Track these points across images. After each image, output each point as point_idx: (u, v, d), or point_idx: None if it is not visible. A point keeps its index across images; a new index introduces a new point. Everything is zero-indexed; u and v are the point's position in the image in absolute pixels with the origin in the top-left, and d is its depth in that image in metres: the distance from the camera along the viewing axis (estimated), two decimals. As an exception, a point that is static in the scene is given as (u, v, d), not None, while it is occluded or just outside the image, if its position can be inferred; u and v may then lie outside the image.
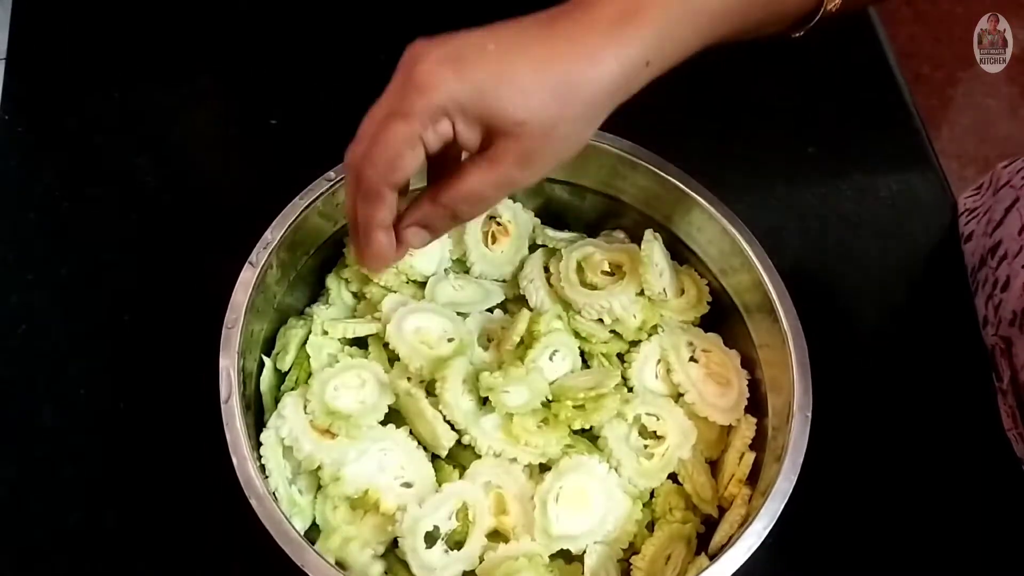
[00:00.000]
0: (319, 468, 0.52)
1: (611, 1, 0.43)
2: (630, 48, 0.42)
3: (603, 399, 0.54)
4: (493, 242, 0.62)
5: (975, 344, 0.69)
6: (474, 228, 0.62)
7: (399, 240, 0.46)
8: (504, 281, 0.63)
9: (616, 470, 0.54)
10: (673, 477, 0.56)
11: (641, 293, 0.60)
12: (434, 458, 0.55)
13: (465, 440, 0.53)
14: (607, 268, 0.61)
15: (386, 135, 0.42)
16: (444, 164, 0.45)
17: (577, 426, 0.54)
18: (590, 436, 0.56)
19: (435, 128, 0.42)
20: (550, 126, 0.42)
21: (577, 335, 0.59)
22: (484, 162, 0.43)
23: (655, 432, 0.56)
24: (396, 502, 0.51)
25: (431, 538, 0.50)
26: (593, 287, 0.60)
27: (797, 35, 0.50)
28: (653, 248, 0.60)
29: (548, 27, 0.42)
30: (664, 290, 0.60)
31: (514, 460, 0.53)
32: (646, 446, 0.56)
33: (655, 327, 0.59)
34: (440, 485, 0.53)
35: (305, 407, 0.53)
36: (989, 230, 0.69)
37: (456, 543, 0.51)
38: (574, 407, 0.54)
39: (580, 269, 0.61)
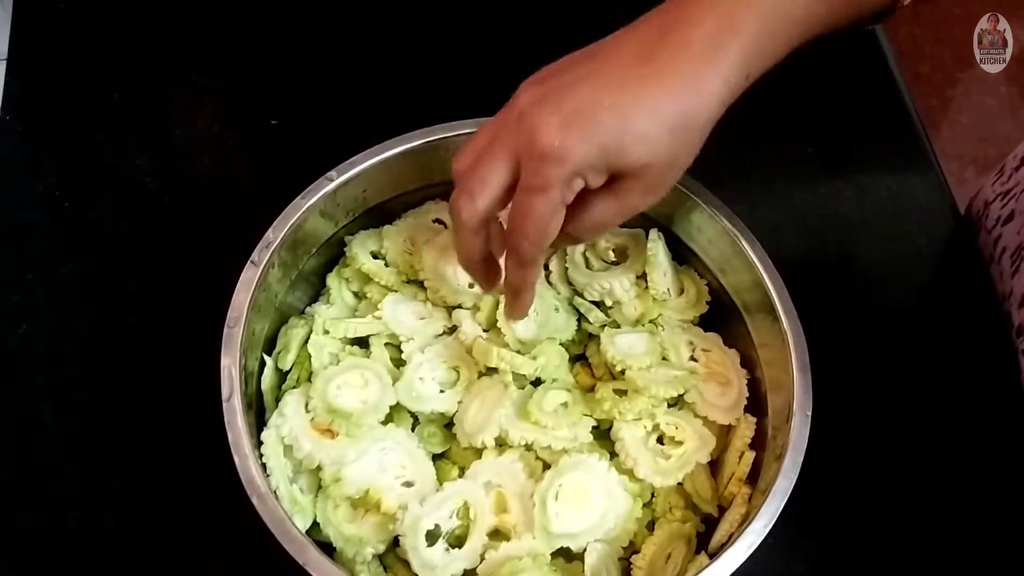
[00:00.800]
0: (319, 468, 0.52)
1: (706, 16, 0.44)
2: (733, 66, 0.44)
3: (641, 394, 0.55)
4: None
5: (975, 342, 0.69)
6: None
7: None
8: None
9: (632, 469, 0.54)
10: (673, 476, 0.56)
11: (641, 277, 0.60)
12: (435, 457, 0.55)
13: (498, 435, 0.53)
14: (612, 257, 0.62)
15: (532, 210, 0.44)
16: None
17: (608, 411, 0.54)
18: (600, 433, 0.56)
19: (571, 189, 0.44)
20: (672, 161, 0.45)
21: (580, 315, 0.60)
22: (611, 196, 0.46)
23: (673, 438, 0.56)
24: (397, 501, 0.51)
25: (432, 536, 0.50)
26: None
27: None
28: (658, 248, 0.60)
29: (651, 58, 0.43)
30: (668, 289, 0.60)
31: (547, 448, 0.54)
32: (663, 450, 0.56)
33: (653, 322, 0.60)
34: (441, 484, 0.53)
35: (307, 405, 0.53)
36: None
37: (457, 541, 0.51)
38: (615, 391, 0.55)
39: (586, 257, 0.62)
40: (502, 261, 0.51)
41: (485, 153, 0.45)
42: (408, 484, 0.53)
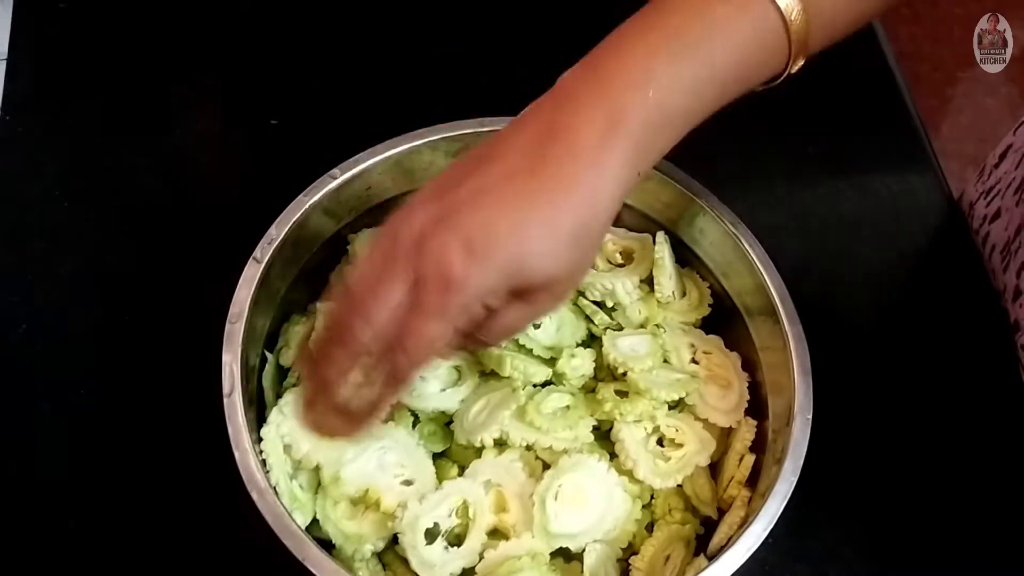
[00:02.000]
0: (317, 467, 0.52)
1: (589, 116, 0.43)
2: (622, 166, 0.43)
3: (643, 396, 0.55)
4: None
5: (975, 343, 0.69)
6: None
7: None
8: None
9: (632, 470, 0.54)
10: (672, 478, 0.56)
11: (646, 281, 0.60)
12: (434, 456, 0.55)
13: (497, 436, 0.53)
14: (619, 259, 0.62)
15: (422, 332, 0.42)
16: None
17: (609, 412, 0.54)
18: (600, 434, 0.56)
19: (468, 315, 0.43)
20: (576, 268, 0.45)
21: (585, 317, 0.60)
22: (521, 304, 0.45)
23: (673, 440, 0.56)
24: (396, 500, 0.51)
25: (431, 535, 0.50)
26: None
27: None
28: (664, 250, 0.60)
29: (538, 168, 0.42)
30: (673, 292, 0.60)
31: (547, 448, 0.53)
32: (663, 451, 0.56)
33: (657, 326, 0.60)
34: (440, 482, 0.53)
35: None
36: None
37: (456, 540, 0.51)
38: (616, 392, 0.55)
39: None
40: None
41: (384, 272, 0.43)
42: (407, 483, 0.53)
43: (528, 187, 0.42)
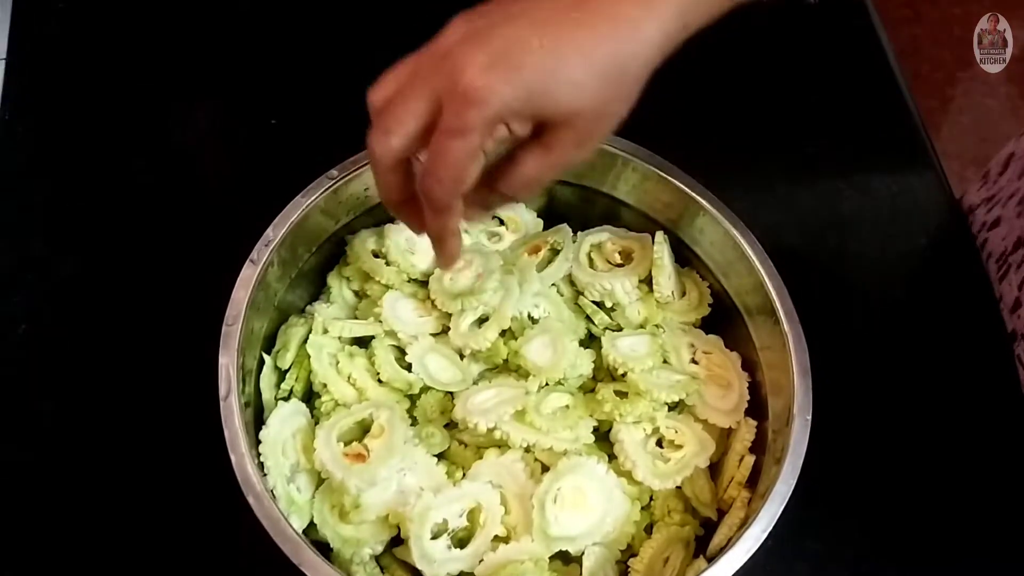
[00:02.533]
0: (344, 491, 0.52)
1: None
2: (669, 13, 0.42)
3: (643, 397, 0.55)
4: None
5: (974, 344, 0.69)
6: (474, 229, 0.62)
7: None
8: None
9: (631, 471, 0.54)
10: (672, 479, 0.56)
11: (643, 281, 0.60)
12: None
13: (497, 435, 0.53)
14: (618, 259, 0.62)
15: (448, 153, 0.41)
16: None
17: (608, 413, 0.54)
18: (599, 435, 0.56)
19: (492, 136, 0.42)
20: (603, 109, 0.43)
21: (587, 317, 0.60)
22: (540, 149, 0.43)
23: (672, 441, 0.56)
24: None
25: (437, 530, 0.50)
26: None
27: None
28: (663, 250, 0.60)
29: (582, 5, 0.41)
30: (672, 292, 0.60)
31: (548, 449, 0.53)
32: (662, 453, 0.56)
33: (657, 326, 0.60)
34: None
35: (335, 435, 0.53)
36: None
37: (459, 543, 0.51)
38: (616, 392, 0.55)
39: (591, 258, 0.62)
40: None
41: (405, 88, 0.42)
42: None
43: (568, 14, 0.41)
